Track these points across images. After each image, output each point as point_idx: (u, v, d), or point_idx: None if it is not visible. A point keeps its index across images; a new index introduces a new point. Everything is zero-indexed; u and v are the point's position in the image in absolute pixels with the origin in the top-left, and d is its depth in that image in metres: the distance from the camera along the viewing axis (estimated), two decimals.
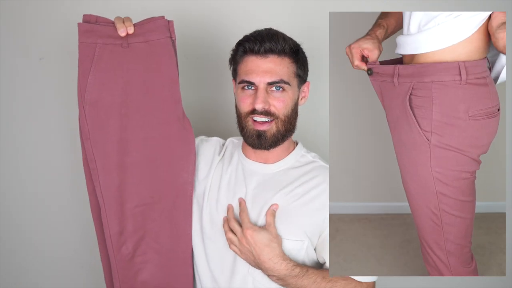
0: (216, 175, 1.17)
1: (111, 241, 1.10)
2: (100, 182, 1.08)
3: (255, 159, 1.16)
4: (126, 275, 1.12)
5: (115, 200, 1.09)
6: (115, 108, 1.07)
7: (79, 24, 1.06)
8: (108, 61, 1.06)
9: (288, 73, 1.09)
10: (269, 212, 1.08)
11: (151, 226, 1.12)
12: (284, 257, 1.05)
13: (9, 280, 1.54)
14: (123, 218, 1.10)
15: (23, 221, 1.53)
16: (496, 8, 1.52)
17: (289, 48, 1.09)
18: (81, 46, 1.05)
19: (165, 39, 1.08)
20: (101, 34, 1.06)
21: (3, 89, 1.49)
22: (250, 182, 1.13)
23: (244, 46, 1.10)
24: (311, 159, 1.17)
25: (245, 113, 1.10)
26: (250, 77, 1.08)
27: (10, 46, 1.48)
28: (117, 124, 1.08)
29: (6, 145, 1.50)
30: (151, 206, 1.11)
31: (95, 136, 1.07)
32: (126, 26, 1.05)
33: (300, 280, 1.04)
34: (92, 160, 1.08)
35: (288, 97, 1.10)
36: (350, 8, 1.49)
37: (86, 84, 1.05)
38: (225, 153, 1.21)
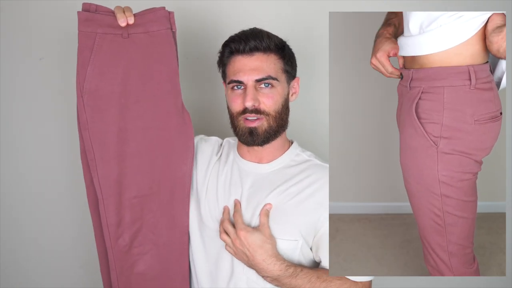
0: (213, 176, 1.17)
1: (109, 232, 1.09)
2: (98, 172, 1.08)
3: (249, 159, 1.16)
4: (123, 267, 1.12)
5: (113, 191, 1.09)
6: (114, 98, 1.07)
7: (78, 12, 1.05)
8: (108, 51, 1.05)
9: (275, 69, 1.10)
10: (262, 212, 1.08)
11: (149, 217, 1.12)
12: (278, 257, 1.05)
13: (9, 280, 1.54)
14: (121, 209, 1.10)
15: (22, 221, 1.53)
16: (496, 8, 1.52)
17: (275, 45, 1.10)
18: (80, 35, 1.04)
19: (166, 30, 1.08)
20: (101, 23, 1.05)
21: (3, 89, 1.49)
22: (246, 182, 1.14)
23: (230, 46, 1.10)
24: (306, 158, 1.16)
25: (237, 113, 1.10)
26: (238, 76, 1.09)
27: (10, 46, 1.48)
28: (116, 114, 1.07)
29: (5, 145, 1.50)
30: (149, 197, 1.11)
31: (94, 126, 1.06)
32: (127, 16, 1.04)
33: (294, 280, 1.04)
34: (90, 150, 1.07)
35: (278, 93, 1.10)
36: (350, 8, 1.49)
37: (85, 73, 1.04)
38: (222, 153, 1.21)
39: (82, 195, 1.52)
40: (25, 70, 1.49)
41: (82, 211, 1.53)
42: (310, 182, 1.10)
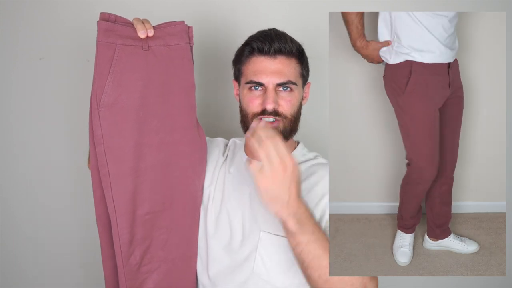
0: (220, 177, 1.17)
1: (121, 251, 1.05)
2: (112, 188, 1.02)
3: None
4: (132, 286, 1.07)
5: (126, 207, 1.04)
6: (132, 112, 1.02)
7: (98, 22, 1.00)
8: (128, 62, 1.01)
9: (295, 73, 1.10)
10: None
11: (159, 234, 1.09)
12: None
13: (9, 280, 1.54)
14: (134, 226, 1.05)
15: (22, 221, 1.53)
16: (496, 8, 1.52)
17: (296, 49, 1.10)
18: (99, 45, 0.99)
19: (185, 45, 1.06)
20: (121, 34, 1.01)
21: (3, 89, 1.49)
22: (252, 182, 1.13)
23: (252, 46, 1.10)
24: (312, 157, 1.17)
25: (253, 114, 1.10)
26: (259, 78, 1.08)
27: (10, 46, 1.48)
28: (134, 128, 1.03)
29: (5, 145, 1.50)
30: (161, 213, 1.08)
31: (110, 141, 1.01)
32: (146, 28, 1.02)
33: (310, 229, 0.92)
34: (104, 165, 1.02)
35: (295, 97, 1.11)
36: (350, 8, 1.49)
37: (104, 85, 1.00)
38: (228, 154, 1.21)
39: (82, 195, 1.53)
40: (25, 70, 1.49)
41: (82, 210, 1.54)
42: (315, 180, 1.10)
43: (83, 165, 1.53)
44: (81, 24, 1.49)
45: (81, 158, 1.53)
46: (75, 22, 1.49)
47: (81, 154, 1.53)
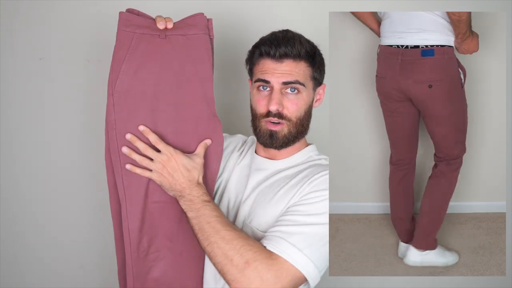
0: (227, 170, 1.19)
1: (129, 237, 1.06)
2: (122, 175, 1.05)
3: (264, 155, 1.18)
4: (139, 272, 1.09)
5: (137, 194, 1.06)
6: (146, 99, 1.04)
7: (120, 12, 1.05)
8: (144, 50, 1.04)
9: (304, 76, 1.10)
10: (201, 144, 1.07)
11: (167, 224, 1.09)
12: (200, 186, 1.05)
13: (9, 280, 1.54)
14: (144, 213, 1.07)
15: (22, 221, 1.53)
16: (496, 8, 1.52)
17: (305, 52, 1.09)
18: (119, 33, 1.04)
19: (203, 35, 1.07)
20: (141, 25, 1.05)
21: (3, 89, 1.49)
22: (253, 177, 1.15)
23: (260, 49, 1.11)
24: (315, 158, 1.17)
25: (260, 115, 1.11)
26: (265, 76, 1.09)
27: (10, 46, 1.48)
28: (146, 116, 1.04)
29: (5, 145, 1.50)
30: (170, 204, 1.08)
31: (121, 126, 1.04)
32: (166, 21, 1.05)
33: (195, 205, 1.02)
34: (116, 151, 1.04)
35: (302, 99, 1.11)
36: (350, 8, 1.49)
37: (119, 71, 1.03)
38: (244, 149, 1.23)
39: (82, 195, 1.53)
40: (25, 70, 1.49)
41: (82, 211, 1.54)
42: (302, 177, 1.10)
43: (83, 165, 1.53)
44: (81, 24, 1.49)
45: (81, 158, 1.53)
46: (75, 22, 1.49)
47: (80, 154, 1.53)
